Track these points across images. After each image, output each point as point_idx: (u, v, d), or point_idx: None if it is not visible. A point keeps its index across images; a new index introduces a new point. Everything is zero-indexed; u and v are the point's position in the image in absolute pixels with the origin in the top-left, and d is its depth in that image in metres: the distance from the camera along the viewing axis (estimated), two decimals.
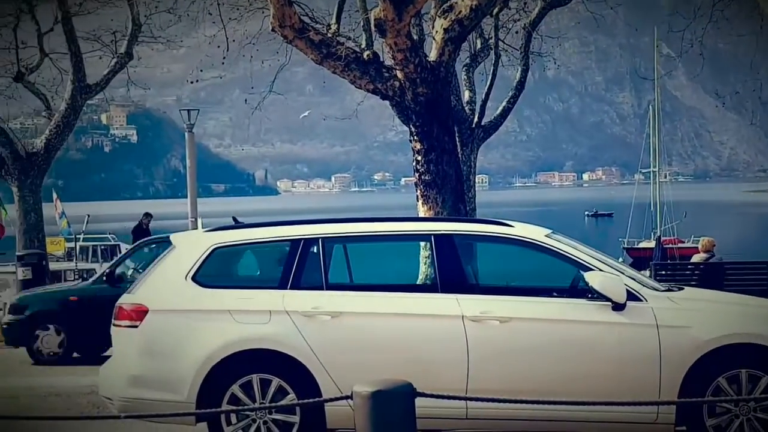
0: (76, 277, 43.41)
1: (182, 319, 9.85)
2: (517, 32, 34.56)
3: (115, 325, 10.15)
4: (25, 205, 32.80)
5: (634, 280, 9.78)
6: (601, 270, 9.58)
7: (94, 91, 34.39)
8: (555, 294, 9.78)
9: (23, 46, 34.57)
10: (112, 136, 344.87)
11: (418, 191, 18.93)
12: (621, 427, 9.41)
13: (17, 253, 29.58)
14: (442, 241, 9.86)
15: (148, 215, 33.52)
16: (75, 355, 18.74)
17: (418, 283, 13.03)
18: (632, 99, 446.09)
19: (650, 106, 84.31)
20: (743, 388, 9.33)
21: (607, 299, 9.41)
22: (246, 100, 31.89)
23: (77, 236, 45.47)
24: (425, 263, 12.68)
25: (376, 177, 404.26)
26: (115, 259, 23.50)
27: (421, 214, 18.44)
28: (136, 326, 9.89)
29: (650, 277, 16.00)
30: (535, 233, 10.01)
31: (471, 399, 8.73)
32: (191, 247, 10.27)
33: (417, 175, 18.99)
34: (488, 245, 10.57)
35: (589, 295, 9.51)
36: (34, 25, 34.31)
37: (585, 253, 9.84)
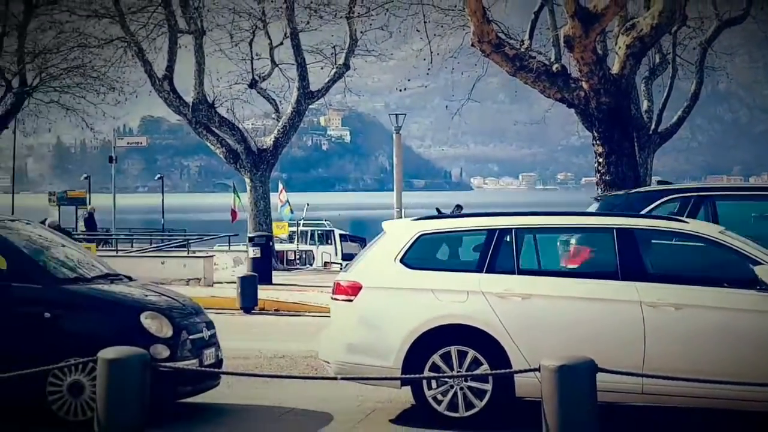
0: (297, 257, 44.48)
1: (391, 295, 9.98)
2: (693, 48, 33.85)
3: (333, 298, 10.38)
4: (255, 194, 33.71)
5: None
6: None
7: (315, 97, 35.07)
8: (726, 285, 9.52)
9: (257, 58, 35.52)
10: (328, 136, 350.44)
11: (599, 190, 18.68)
12: None
13: (248, 235, 30.45)
14: (624, 234, 9.75)
15: (459, 207, 32.46)
16: None
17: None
18: None
19: None
20: None
21: None
22: (447, 107, 31.99)
23: (298, 222, 46.41)
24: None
25: (559, 177, 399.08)
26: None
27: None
28: (352, 300, 10.07)
29: None
30: (710, 229, 9.82)
31: (648, 376, 8.61)
32: (400, 233, 10.40)
33: (598, 175, 18.75)
34: (664, 239, 10.32)
35: (758, 287, 9.25)
36: (266, 39, 35.20)
37: (755, 248, 9.57)
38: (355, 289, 10.07)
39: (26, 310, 9.74)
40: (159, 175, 68.66)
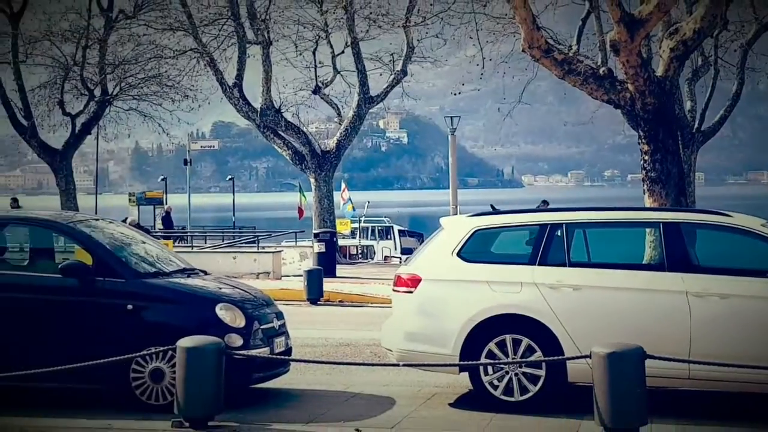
0: (359, 252, 44.55)
1: (449, 287, 9.97)
2: (734, 51, 33.38)
3: (394, 290, 10.40)
4: (319, 193, 33.83)
5: None
6: None
7: (375, 101, 35.11)
8: None
9: (320, 66, 35.66)
10: (387, 138, 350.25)
11: (645, 186, 18.50)
12: None
13: (314, 231, 30.61)
14: (670, 228, 9.66)
15: (545, 202, 31.74)
16: None
17: (643, 263, 12.72)
18: None
19: None
20: None
21: None
22: (499, 109, 31.85)
23: (360, 218, 46.48)
24: (651, 246, 12.39)
25: (606, 174, 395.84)
26: None
27: (648, 206, 17.99)
28: (412, 292, 10.09)
29: None
30: (753, 222, 9.69)
31: (695, 362, 8.52)
32: (457, 228, 10.39)
33: (644, 172, 18.55)
34: (708, 232, 10.20)
35: None
36: (329, 48, 35.30)
37: None
38: (415, 282, 10.08)
39: (110, 303, 9.86)
40: (230, 176, 69.14)
